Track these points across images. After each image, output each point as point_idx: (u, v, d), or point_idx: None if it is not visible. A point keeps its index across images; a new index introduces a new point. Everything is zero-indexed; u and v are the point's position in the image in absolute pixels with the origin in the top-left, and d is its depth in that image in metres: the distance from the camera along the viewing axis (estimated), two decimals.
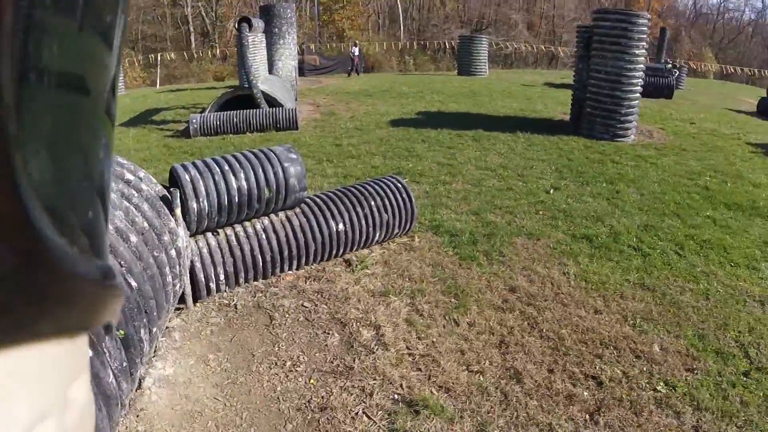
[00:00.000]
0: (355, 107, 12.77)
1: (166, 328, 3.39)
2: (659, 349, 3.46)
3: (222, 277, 3.81)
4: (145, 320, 2.70)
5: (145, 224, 2.92)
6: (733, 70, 37.67)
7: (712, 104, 17.47)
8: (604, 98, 9.51)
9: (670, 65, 21.83)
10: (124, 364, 2.42)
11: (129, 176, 3.08)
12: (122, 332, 2.53)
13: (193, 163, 3.63)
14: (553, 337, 3.53)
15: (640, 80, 9.57)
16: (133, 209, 2.89)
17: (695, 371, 3.25)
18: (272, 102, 10.57)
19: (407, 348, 3.33)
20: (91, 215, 0.24)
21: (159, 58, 21.42)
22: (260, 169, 3.81)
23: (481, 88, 14.89)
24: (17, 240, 0.18)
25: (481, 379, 3.10)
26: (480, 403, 2.91)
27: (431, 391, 2.97)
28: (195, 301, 3.78)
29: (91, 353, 2.17)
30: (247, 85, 10.35)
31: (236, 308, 3.75)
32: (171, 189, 3.28)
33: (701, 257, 4.87)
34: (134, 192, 3.00)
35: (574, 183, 6.92)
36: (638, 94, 9.65)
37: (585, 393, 3.03)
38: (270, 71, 13.63)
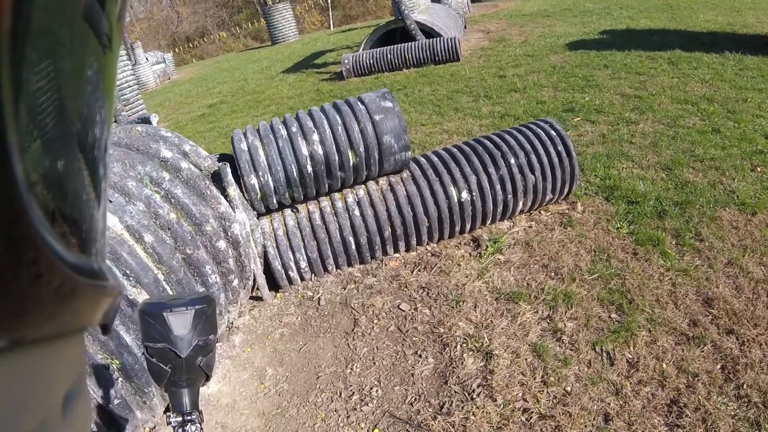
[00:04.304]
0: (530, 30, 10.82)
1: (229, 327, 2.86)
2: None
3: (303, 264, 3.12)
4: None
5: (172, 215, 2.31)
6: None
7: None
8: None
9: None
10: (122, 397, 1.89)
11: (166, 153, 2.48)
12: (117, 362, 2.00)
13: (257, 128, 2.91)
14: (757, 400, 2.06)
15: None
16: (157, 199, 2.29)
17: None
18: (430, 33, 9.41)
19: (523, 398, 2.24)
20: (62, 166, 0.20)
21: (330, 1, 21.41)
22: (340, 127, 2.92)
23: (679, 0, 11.43)
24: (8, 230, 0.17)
25: None
26: None
27: None
28: (277, 291, 3.20)
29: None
30: (400, 17, 9.33)
31: (319, 304, 3.06)
32: (221, 163, 2.62)
33: None
34: (165, 175, 2.39)
35: None
36: None
37: None
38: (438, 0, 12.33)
